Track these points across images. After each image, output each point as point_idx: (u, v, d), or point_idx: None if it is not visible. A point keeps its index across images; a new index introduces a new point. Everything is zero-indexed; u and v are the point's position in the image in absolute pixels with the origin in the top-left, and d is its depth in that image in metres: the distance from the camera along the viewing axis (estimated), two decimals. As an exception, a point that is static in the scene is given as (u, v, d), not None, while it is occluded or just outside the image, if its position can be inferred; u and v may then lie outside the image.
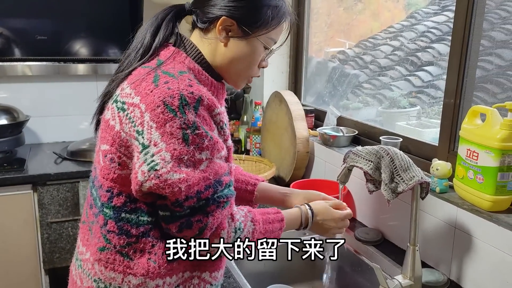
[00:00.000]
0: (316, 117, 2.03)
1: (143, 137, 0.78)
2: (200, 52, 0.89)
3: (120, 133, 0.82)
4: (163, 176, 0.75)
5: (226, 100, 0.96)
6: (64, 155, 2.11)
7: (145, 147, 0.77)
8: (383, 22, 2.10)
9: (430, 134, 1.60)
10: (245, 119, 2.29)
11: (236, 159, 2.02)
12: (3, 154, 2.08)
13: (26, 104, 2.26)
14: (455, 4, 1.30)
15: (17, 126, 2.08)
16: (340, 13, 2.28)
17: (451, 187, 1.23)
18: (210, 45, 0.90)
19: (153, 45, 0.89)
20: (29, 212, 1.91)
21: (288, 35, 0.97)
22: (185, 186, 0.76)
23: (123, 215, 0.83)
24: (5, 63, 2.22)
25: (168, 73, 0.82)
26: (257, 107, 2.16)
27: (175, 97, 0.77)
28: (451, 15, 1.90)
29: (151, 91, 0.79)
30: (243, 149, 2.23)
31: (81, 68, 2.36)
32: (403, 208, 1.32)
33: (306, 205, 1.02)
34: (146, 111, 0.77)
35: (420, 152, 1.43)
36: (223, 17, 0.86)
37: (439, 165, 1.21)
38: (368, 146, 1.15)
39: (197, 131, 0.77)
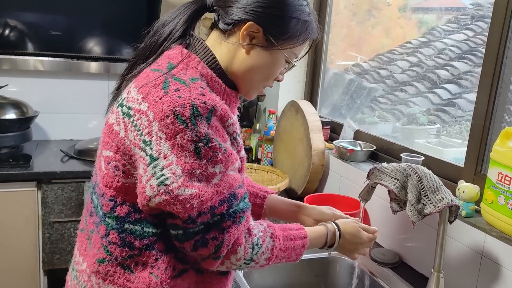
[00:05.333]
0: (332, 130, 1.97)
1: (151, 148, 0.72)
2: (215, 57, 0.83)
3: (124, 140, 0.76)
4: (174, 192, 0.70)
5: (238, 108, 0.91)
6: (71, 154, 2.06)
7: (153, 159, 0.72)
8: (395, 38, 2.08)
9: (452, 153, 1.55)
10: (257, 127, 2.24)
11: (247, 168, 1.96)
12: (9, 149, 2.04)
13: (35, 100, 2.21)
14: (475, 23, 1.26)
15: (25, 121, 2.04)
16: (353, 26, 2.25)
17: (478, 211, 1.17)
18: (229, 50, 0.83)
19: (164, 44, 0.84)
20: (32, 210, 1.85)
21: (309, 50, 0.93)
22: (198, 202, 0.71)
23: (126, 226, 0.78)
24: (17, 57, 2.18)
25: (179, 79, 0.76)
26: (271, 116, 2.11)
27: (186, 107, 0.71)
28: (471, 33, 1.87)
29: (160, 99, 0.73)
30: (253, 158, 2.17)
31: (94, 66, 2.32)
32: (424, 230, 1.26)
33: (333, 223, 0.96)
34: (155, 120, 0.72)
35: (442, 172, 1.37)
36: (250, 22, 0.80)
37: (466, 188, 1.16)
38: (394, 163, 1.10)
39: (210, 144, 0.72)
